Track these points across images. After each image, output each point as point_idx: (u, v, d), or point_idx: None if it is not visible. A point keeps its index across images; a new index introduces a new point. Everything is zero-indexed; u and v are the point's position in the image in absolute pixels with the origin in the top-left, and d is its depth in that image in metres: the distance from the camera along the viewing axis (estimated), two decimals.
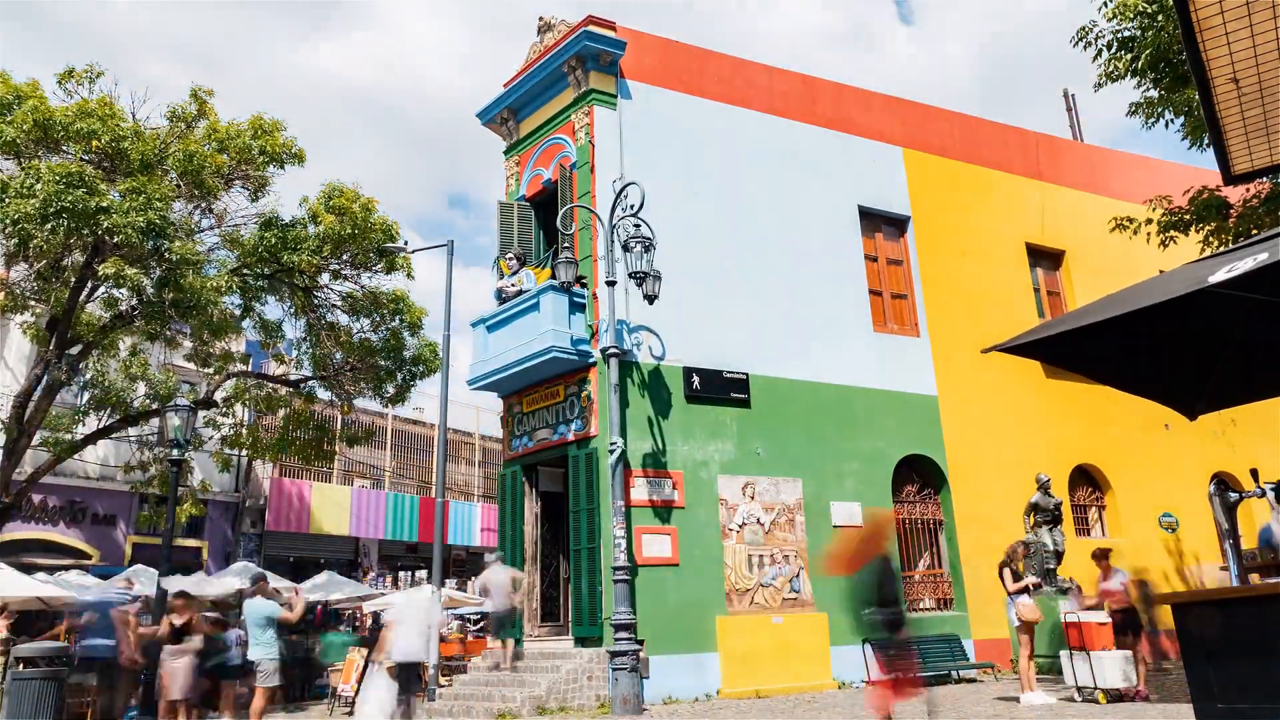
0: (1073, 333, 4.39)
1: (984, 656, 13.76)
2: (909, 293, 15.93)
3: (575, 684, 11.11)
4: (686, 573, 12.18)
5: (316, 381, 16.61)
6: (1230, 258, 3.63)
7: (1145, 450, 16.84)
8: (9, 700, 8.68)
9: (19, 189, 11.53)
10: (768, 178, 14.79)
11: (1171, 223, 12.57)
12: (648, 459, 12.42)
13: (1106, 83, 11.54)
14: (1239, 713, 3.84)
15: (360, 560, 24.73)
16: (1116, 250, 15.87)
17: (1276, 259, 3.22)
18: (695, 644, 11.89)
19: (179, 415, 12.56)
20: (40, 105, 12.32)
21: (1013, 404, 15.82)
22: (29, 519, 17.69)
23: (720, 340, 13.46)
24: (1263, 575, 11.06)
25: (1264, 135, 5.44)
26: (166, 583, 11.52)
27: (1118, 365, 5.01)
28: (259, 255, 14.12)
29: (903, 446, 14.69)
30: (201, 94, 14.20)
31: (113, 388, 14.59)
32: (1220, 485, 11.50)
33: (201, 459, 17.90)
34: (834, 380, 14.32)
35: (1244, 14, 4.48)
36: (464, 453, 29.29)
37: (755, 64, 15.57)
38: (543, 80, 14.40)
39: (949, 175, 16.98)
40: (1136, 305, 3.81)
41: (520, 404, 13.97)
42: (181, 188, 13.46)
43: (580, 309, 12.91)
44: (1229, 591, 5.07)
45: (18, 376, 17.11)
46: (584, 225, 13.20)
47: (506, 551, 13.67)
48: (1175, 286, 3.74)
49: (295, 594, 12.99)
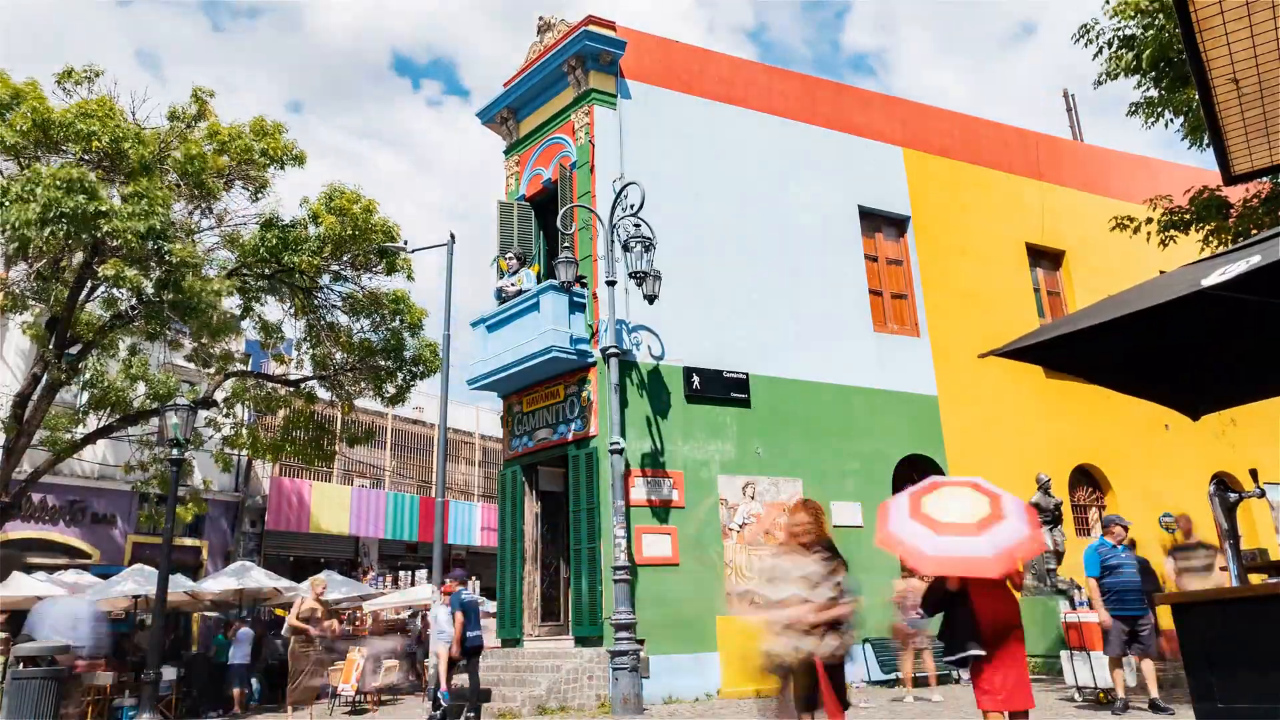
0: (1070, 336, 4.39)
1: None
2: (909, 293, 15.93)
3: (575, 684, 11.11)
4: (687, 572, 12.18)
5: (316, 381, 16.60)
6: (1226, 259, 3.63)
7: (1145, 450, 16.83)
8: (9, 700, 8.67)
9: (19, 193, 11.51)
10: (768, 178, 14.79)
11: (1172, 223, 12.56)
12: (648, 459, 12.42)
13: (1107, 80, 11.56)
14: (1239, 713, 3.84)
15: (360, 560, 24.72)
16: (1117, 250, 15.85)
17: (1269, 261, 3.22)
18: (696, 643, 11.89)
19: (179, 415, 12.56)
20: (39, 106, 12.30)
21: (1013, 404, 15.82)
22: (29, 518, 17.68)
23: (720, 340, 13.46)
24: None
25: (1264, 135, 5.43)
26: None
27: (1117, 368, 5.01)
28: (259, 256, 14.11)
29: (903, 446, 14.68)
30: (202, 95, 14.20)
31: (112, 387, 14.58)
32: (1220, 485, 11.50)
33: (202, 459, 17.89)
34: (834, 380, 14.32)
35: (1244, 14, 4.47)
36: (464, 452, 29.28)
37: (755, 64, 15.59)
38: (543, 80, 14.40)
39: (949, 175, 16.98)
40: (1134, 308, 3.81)
41: (520, 404, 13.97)
42: (182, 189, 13.45)
43: (580, 309, 12.90)
44: (1229, 592, 5.07)
45: (17, 376, 17.11)
46: (584, 225, 13.19)
47: (507, 551, 13.67)
48: (1172, 289, 3.74)
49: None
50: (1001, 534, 4.97)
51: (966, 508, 5.21)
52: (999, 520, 5.05)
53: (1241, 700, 3.83)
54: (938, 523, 5.11)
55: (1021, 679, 5.30)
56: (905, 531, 5.15)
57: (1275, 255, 3.23)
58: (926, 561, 5.05)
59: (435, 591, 14.90)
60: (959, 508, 5.20)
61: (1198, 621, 4.16)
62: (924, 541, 5.03)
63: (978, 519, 5.09)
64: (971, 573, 5.13)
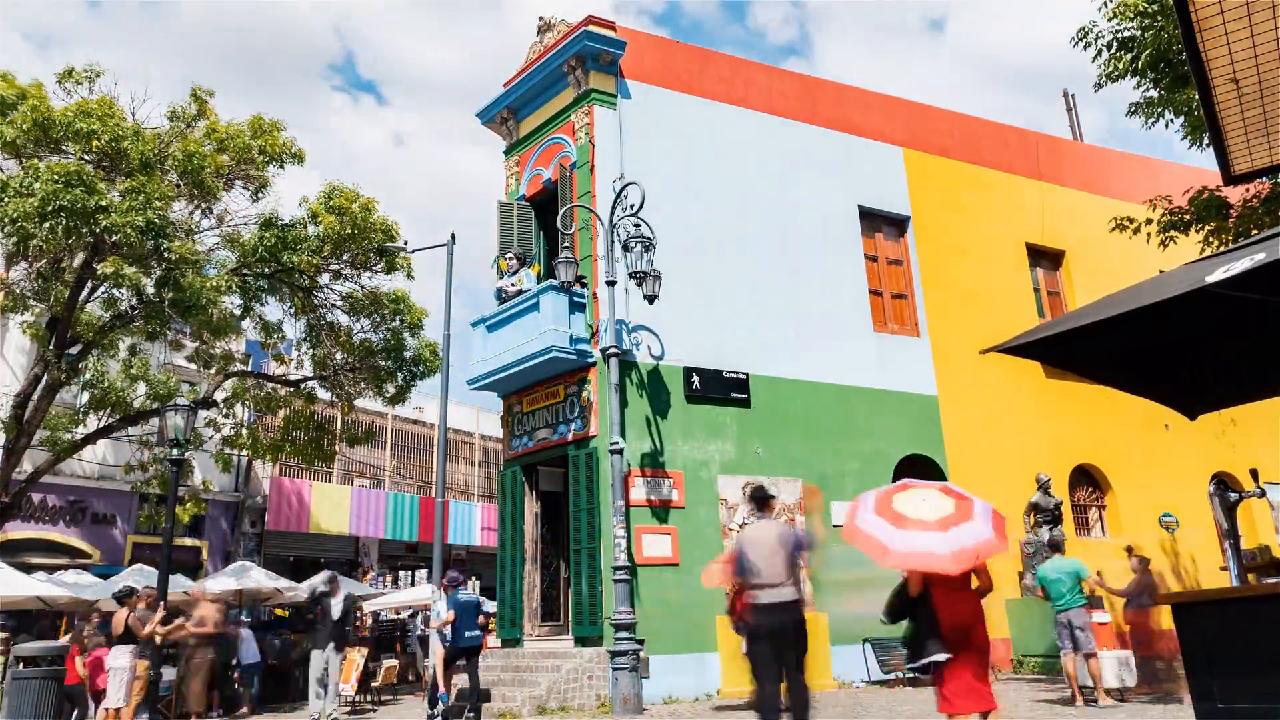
0: (1071, 333, 4.39)
1: None
2: (909, 292, 15.93)
3: (575, 683, 11.11)
4: (687, 572, 12.17)
5: (317, 381, 16.61)
6: (1228, 258, 3.63)
7: (1145, 450, 16.83)
8: (9, 700, 8.67)
9: (18, 188, 11.53)
10: (768, 178, 14.79)
11: (1172, 223, 12.57)
12: (648, 459, 12.42)
13: (1106, 83, 11.55)
14: (1239, 713, 3.84)
15: (360, 560, 24.74)
16: (1117, 250, 15.85)
17: (1273, 259, 3.21)
18: (695, 643, 11.89)
19: (179, 415, 12.56)
20: (40, 105, 12.32)
21: (1013, 404, 15.82)
22: (29, 518, 17.70)
23: (720, 340, 13.46)
24: (1259, 575, 11.07)
25: (1264, 135, 5.43)
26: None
27: (1117, 366, 5.01)
28: (259, 255, 14.11)
29: (903, 446, 14.68)
30: (201, 94, 14.21)
31: (112, 388, 14.59)
32: (1220, 485, 11.54)
33: (202, 459, 17.91)
34: (834, 380, 14.32)
35: (1244, 14, 4.47)
36: (464, 452, 29.29)
37: (755, 64, 15.58)
38: (543, 80, 14.40)
39: (949, 175, 16.98)
40: (1135, 305, 3.81)
41: (520, 404, 13.97)
42: (181, 188, 13.46)
43: (580, 309, 12.90)
44: (1229, 591, 5.07)
45: (17, 376, 17.11)
46: (584, 225, 13.19)
47: (507, 551, 13.68)
48: (1173, 287, 3.74)
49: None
50: (963, 534, 5.02)
51: (933, 507, 5.27)
52: (963, 521, 5.10)
53: (1241, 700, 3.83)
54: (902, 518, 5.17)
55: (982, 680, 5.33)
56: (869, 525, 5.21)
57: (1277, 253, 3.23)
58: (887, 555, 5.09)
59: (436, 591, 14.92)
60: (926, 508, 5.29)
61: (1198, 621, 4.16)
62: (885, 535, 5.10)
63: (940, 517, 5.15)
64: (928, 568, 5.16)
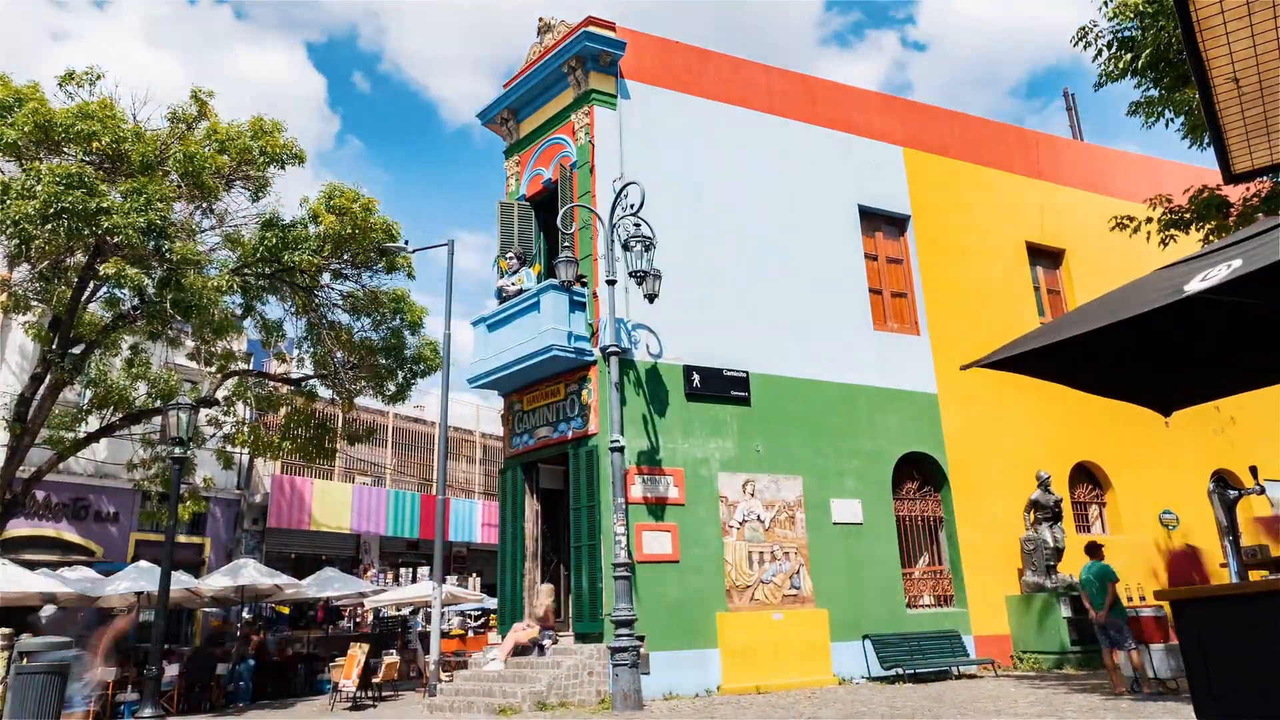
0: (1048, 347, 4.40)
1: (984, 653, 13.81)
2: (909, 291, 15.96)
3: (576, 679, 11.15)
4: (687, 569, 12.21)
5: (317, 380, 16.65)
6: (1205, 262, 3.64)
7: (1145, 447, 16.86)
8: (12, 696, 8.68)
9: (20, 190, 11.55)
10: (768, 178, 14.81)
11: (1172, 221, 12.59)
12: (647, 456, 12.45)
13: (1106, 82, 11.56)
14: (1239, 711, 3.86)
15: (361, 557, 24.77)
16: (1117, 249, 15.88)
17: (1252, 268, 3.23)
18: (696, 640, 11.93)
19: (181, 413, 12.60)
20: (41, 107, 12.34)
21: (1013, 401, 15.84)
22: (32, 516, 17.71)
23: (720, 339, 13.49)
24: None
25: (1264, 134, 5.45)
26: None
27: (1094, 372, 5.04)
28: (260, 255, 14.14)
29: (903, 444, 14.72)
30: (202, 95, 14.22)
31: (114, 387, 14.61)
32: (1220, 482, 11.55)
33: (203, 457, 17.94)
34: (834, 378, 14.35)
35: (1244, 14, 4.49)
36: (465, 450, 29.31)
37: (755, 64, 15.59)
38: (543, 81, 14.42)
39: (949, 175, 17.00)
40: (1115, 319, 3.81)
41: (521, 402, 14.00)
42: (182, 188, 13.47)
43: (580, 308, 12.93)
44: (1229, 588, 5.09)
45: (20, 376, 17.13)
46: (584, 225, 13.22)
47: (507, 548, 13.70)
48: (1152, 297, 3.74)
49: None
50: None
51: None
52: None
53: (1240, 697, 3.85)
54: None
55: None
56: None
57: (1256, 262, 3.24)
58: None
59: (435, 589, 14.96)
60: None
61: (1197, 618, 4.18)
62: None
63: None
64: None
